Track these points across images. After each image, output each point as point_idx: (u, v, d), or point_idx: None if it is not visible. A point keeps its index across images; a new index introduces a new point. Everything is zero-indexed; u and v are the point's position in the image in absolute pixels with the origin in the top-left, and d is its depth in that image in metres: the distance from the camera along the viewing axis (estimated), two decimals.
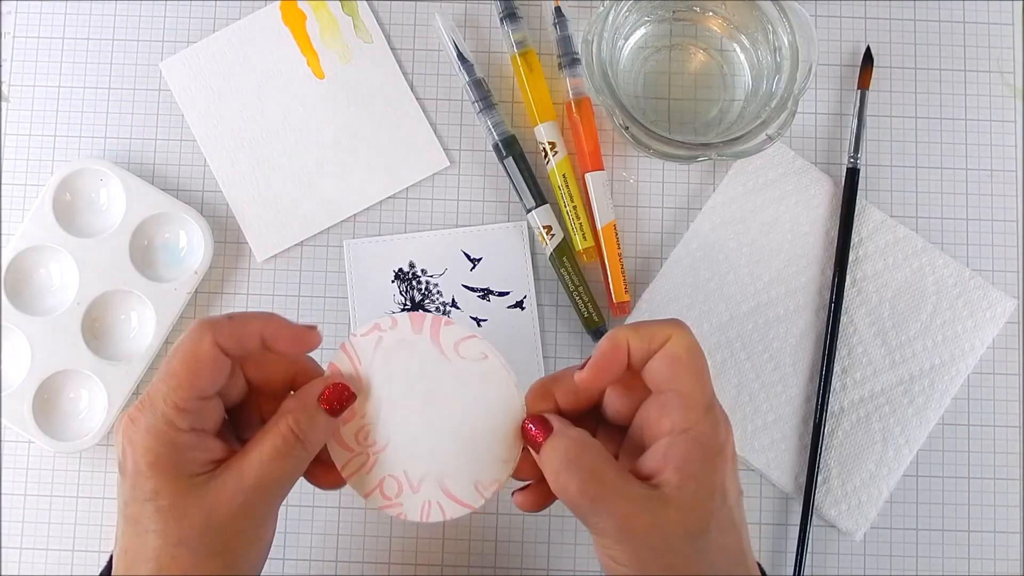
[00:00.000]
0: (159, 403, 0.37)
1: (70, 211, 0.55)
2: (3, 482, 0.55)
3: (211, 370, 0.38)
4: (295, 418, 0.38)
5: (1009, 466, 0.55)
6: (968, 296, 0.55)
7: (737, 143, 0.51)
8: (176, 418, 0.37)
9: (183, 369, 0.37)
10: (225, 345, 0.38)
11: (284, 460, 0.38)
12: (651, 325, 0.38)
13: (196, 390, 0.37)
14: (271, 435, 0.38)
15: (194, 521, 0.36)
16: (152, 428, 0.37)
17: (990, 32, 0.58)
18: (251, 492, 0.37)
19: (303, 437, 0.38)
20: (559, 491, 0.37)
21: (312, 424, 0.39)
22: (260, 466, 0.37)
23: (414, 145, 0.57)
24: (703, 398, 0.37)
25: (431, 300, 0.55)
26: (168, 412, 0.37)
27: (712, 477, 0.36)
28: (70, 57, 0.58)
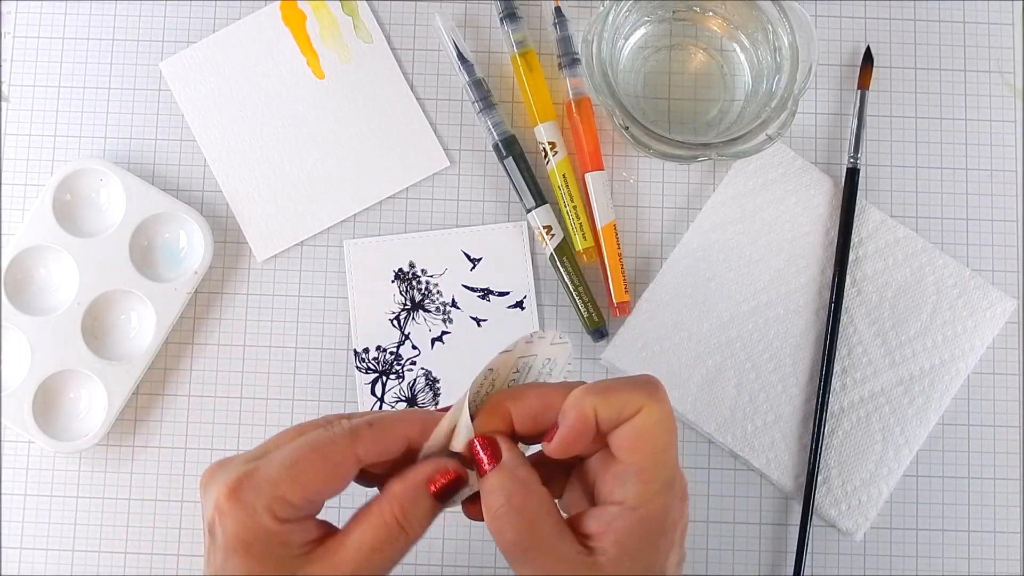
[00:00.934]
0: (267, 486, 0.35)
1: (70, 211, 0.55)
2: (3, 482, 0.55)
3: (339, 480, 0.36)
4: (401, 505, 0.36)
5: (1009, 466, 0.55)
6: (968, 296, 0.55)
7: (737, 143, 0.51)
8: (280, 511, 0.35)
9: (310, 471, 0.35)
10: (364, 457, 0.36)
11: (384, 552, 0.35)
12: (622, 391, 0.35)
13: (315, 495, 0.35)
14: (372, 523, 0.35)
15: None
16: (252, 512, 0.34)
17: (990, 32, 0.58)
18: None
19: (407, 526, 0.36)
20: (494, 531, 0.35)
21: (417, 511, 0.36)
22: (358, 557, 0.35)
23: (414, 145, 0.57)
24: (663, 476, 0.35)
25: (431, 300, 0.55)
26: (274, 503, 0.34)
27: (651, 558, 0.35)
28: (70, 57, 0.58)
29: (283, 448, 0.36)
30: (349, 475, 0.36)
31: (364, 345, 0.55)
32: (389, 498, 0.36)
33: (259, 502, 0.34)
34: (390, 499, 0.36)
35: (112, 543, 0.54)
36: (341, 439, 0.36)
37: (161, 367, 0.55)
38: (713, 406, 0.53)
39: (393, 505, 0.36)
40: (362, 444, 0.36)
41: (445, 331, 0.55)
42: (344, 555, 0.35)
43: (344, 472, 0.36)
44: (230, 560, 0.35)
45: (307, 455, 0.35)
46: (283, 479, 0.35)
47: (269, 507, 0.34)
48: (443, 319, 0.55)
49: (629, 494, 0.35)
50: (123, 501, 0.54)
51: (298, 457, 0.35)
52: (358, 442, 0.36)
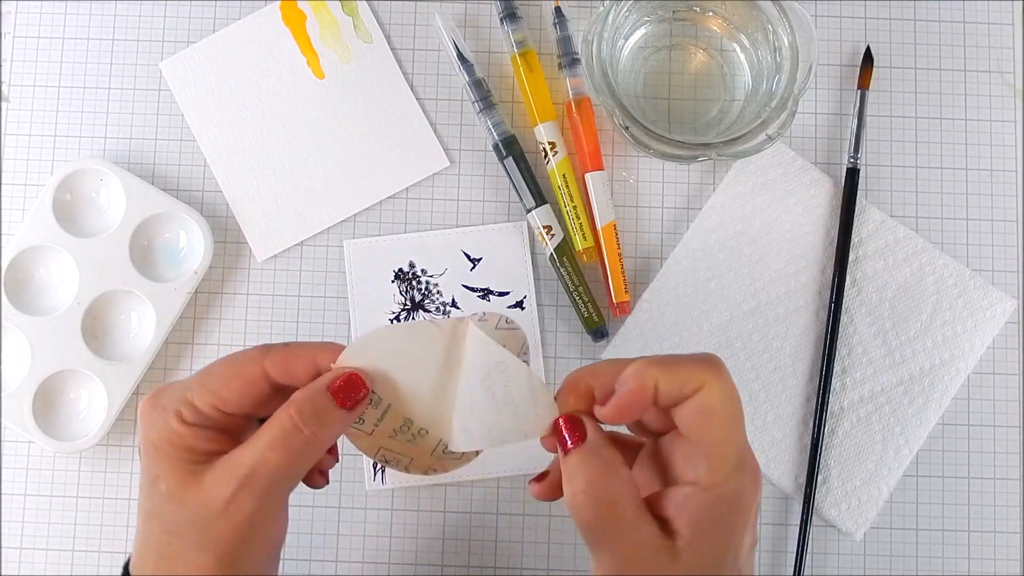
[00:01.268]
0: (180, 392, 0.37)
1: (70, 211, 0.55)
2: (3, 482, 0.55)
3: (244, 390, 0.37)
4: (298, 407, 0.36)
5: (1009, 466, 0.55)
6: (968, 296, 0.55)
7: (737, 143, 0.51)
8: (186, 412, 0.37)
9: (218, 376, 0.37)
10: (274, 373, 0.37)
11: (282, 451, 0.36)
12: (685, 366, 0.35)
13: (218, 400, 0.37)
14: (271, 424, 0.36)
15: (188, 510, 0.36)
16: (163, 412, 0.37)
17: (990, 32, 0.58)
18: (245, 482, 0.35)
19: (306, 427, 0.36)
20: (573, 510, 0.35)
21: (319, 415, 0.36)
22: (255, 455, 0.36)
23: (414, 145, 0.57)
24: (734, 455, 0.35)
25: (431, 300, 0.55)
26: (180, 405, 0.37)
27: (727, 538, 0.34)
28: (70, 57, 0.58)
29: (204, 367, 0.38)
30: (257, 388, 0.37)
31: None
32: (288, 403, 0.37)
33: (169, 405, 0.37)
34: (288, 403, 0.37)
35: (112, 543, 0.54)
36: (252, 352, 0.37)
37: (161, 367, 0.55)
38: None
39: (290, 407, 0.37)
40: (271, 358, 0.37)
41: None
42: (243, 456, 0.36)
43: (251, 382, 0.37)
44: (146, 464, 0.37)
45: (218, 365, 0.38)
46: (193, 386, 0.37)
47: (176, 411, 0.37)
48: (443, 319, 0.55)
49: (701, 474, 0.34)
50: (123, 501, 0.54)
51: (211, 367, 0.38)
52: (268, 356, 0.37)
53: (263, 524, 0.37)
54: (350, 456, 0.54)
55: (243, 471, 0.36)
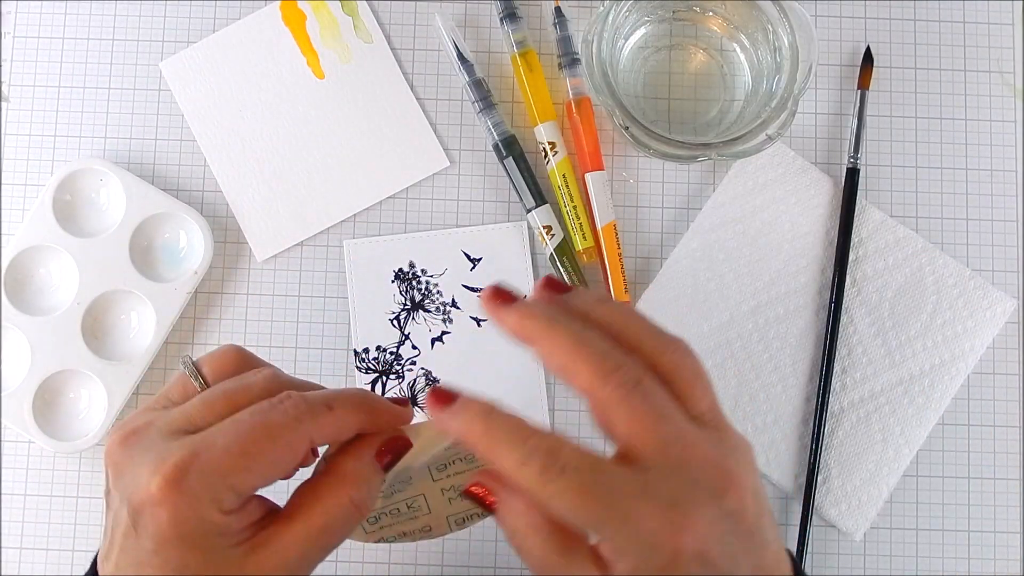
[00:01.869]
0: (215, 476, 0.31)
1: (70, 211, 0.55)
2: (3, 482, 0.55)
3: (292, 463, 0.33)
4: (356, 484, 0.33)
5: (1009, 466, 0.55)
6: (968, 296, 0.55)
7: (737, 143, 0.51)
8: (229, 502, 0.32)
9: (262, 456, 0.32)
10: (317, 442, 0.33)
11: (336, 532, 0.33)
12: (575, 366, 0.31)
13: (267, 482, 0.32)
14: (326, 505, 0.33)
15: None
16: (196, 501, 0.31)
17: (990, 32, 0.58)
18: (294, 568, 0.32)
19: (361, 505, 0.34)
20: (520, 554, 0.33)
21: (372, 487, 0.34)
22: (307, 540, 0.33)
23: (414, 145, 0.57)
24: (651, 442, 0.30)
25: (431, 300, 0.55)
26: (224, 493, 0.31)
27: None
28: (70, 57, 0.58)
29: (226, 427, 0.32)
30: (300, 455, 0.33)
31: (364, 345, 0.55)
32: (342, 477, 0.33)
33: (205, 494, 0.31)
34: (343, 478, 0.33)
35: None
36: (296, 421, 0.32)
37: (161, 367, 0.55)
38: None
39: (347, 485, 0.33)
40: (318, 428, 0.33)
41: (445, 331, 0.55)
42: (291, 540, 0.33)
43: (298, 456, 0.33)
44: (162, 553, 0.31)
45: (259, 439, 0.32)
46: (234, 468, 0.31)
47: (217, 499, 0.31)
48: (443, 319, 0.55)
49: None
50: None
51: (249, 441, 0.32)
52: (315, 425, 0.33)
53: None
54: None
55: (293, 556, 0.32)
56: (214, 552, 0.32)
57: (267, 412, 0.32)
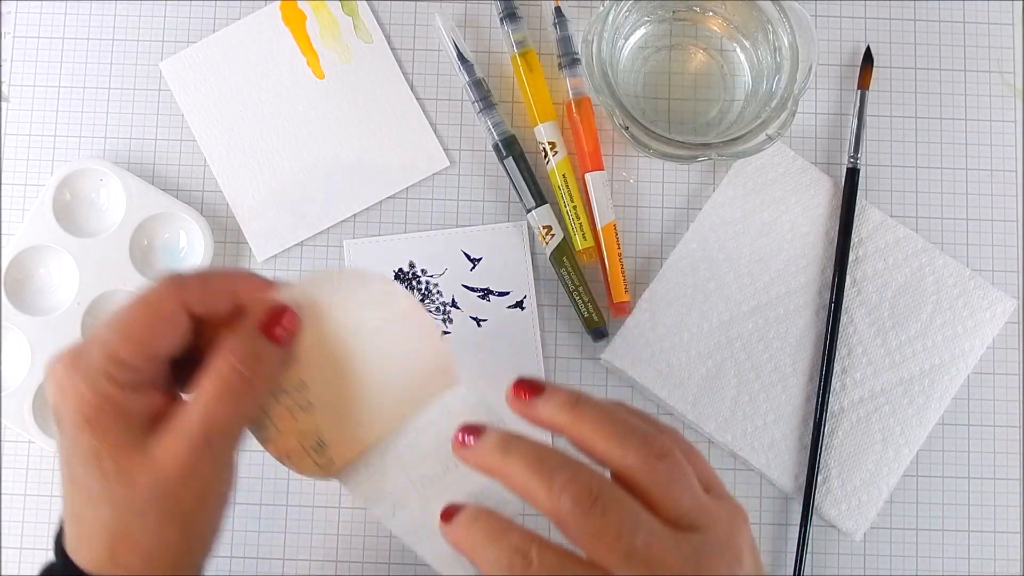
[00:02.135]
0: (98, 353, 0.34)
1: (70, 211, 0.55)
2: (3, 482, 0.55)
3: (170, 329, 0.35)
4: (235, 353, 0.35)
5: (1009, 466, 0.55)
6: (968, 296, 0.55)
7: (737, 143, 0.51)
8: (119, 372, 0.34)
9: (139, 323, 0.34)
10: (193, 304, 0.35)
11: (230, 402, 0.34)
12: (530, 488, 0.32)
13: (148, 347, 0.34)
14: (212, 376, 0.35)
15: (143, 485, 0.34)
16: (90, 379, 0.34)
17: (990, 32, 0.58)
18: (198, 442, 0.34)
19: (247, 371, 0.35)
20: None
21: (257, 357, 0.35)
22: (205, 413, 0.34)
23: (414, 145, 0.57)
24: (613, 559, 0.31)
25: (431, 300, 0.55)
26: (109, 365, 0.34)
27: None
28: (70, 57, 0.58)
29: (110, 316, 0.35)
30: (179, 325, 0.35)
31: None
32: (224, 349, 0.35)
33: (95, 367, 0.34)
34: (224, 350, 0.35)
35: None
36: (163, 288, 0.35)
37: None
38: (713, 406, 0.53)
39: (227, 355, 0.35)
40: (188, 291, 0.35)
41: (445, 331, 0.55)
42: (190, 415, 0.34)
43: (174, 321, 0.35)
44: (79, 440, 0.34)
45: (135, 310, 0.35)
46: (114, 338, 0.34)
47: (106, 371, 0.34)
48: (443, 319, 0.55)
49: None
50: None
51: (128, 315, 0.35)
52: (185, 289, 0.35)
53: (219, 482, 0.35)
54: None
55: (195, 432, 0.34)
56: (119, 434, 0.34)
57: (144, 290, 0.35)
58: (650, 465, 0.32)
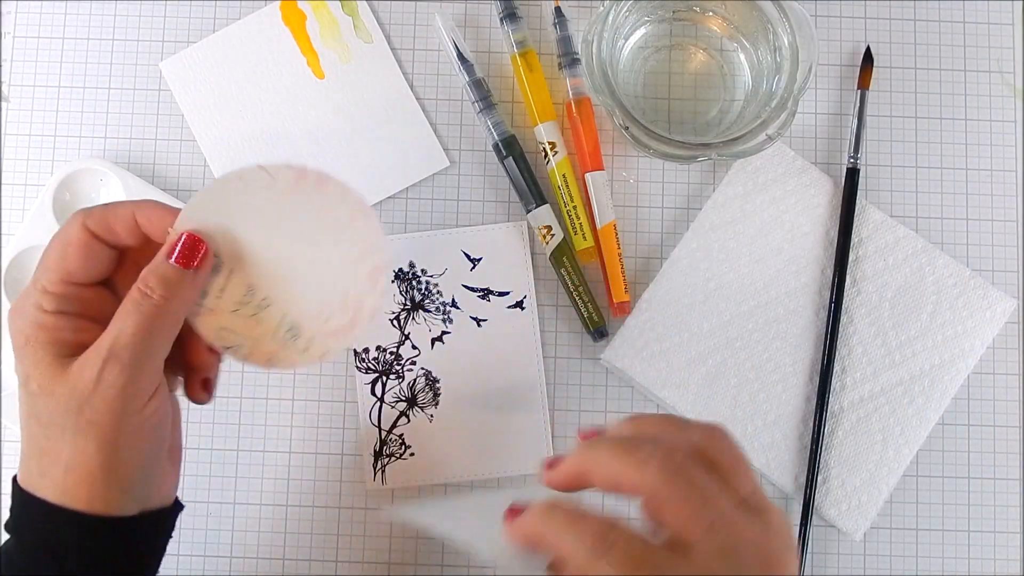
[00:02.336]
0: (30, 289, 0.38)
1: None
2: (3, 482, 0.55)
3: (79, 254, 0.38)
4: (142, 278, 0.38)
5: (1009, 466, 0.55)
6: (968, 296, 0.55)
7: (737, 143, 0.51)
8: (44, 300, 0.38)
9: (53, 253, 0.38)
10: (96, 229, 0.38)
11: (136, 318, 0.37)
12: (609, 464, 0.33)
13: (63, 273, 0.38)
14: (124, 301, 0.38)
15: (61, 398, 0.36)
16: (23, 311, 0.38)
17: (990, 32, 0.58)
18: (108, 356, 0.36)
19: (154, 293, 0.37)
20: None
21: (165, 281, 0.38)
22: (112, 330, 0.37)
23: (414, 145, 0.57)
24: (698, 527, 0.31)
25: (431, 300, 0.55)
26: (37, 294, 0.38)
27: None
28: (70, 57, 0.58)
29: None
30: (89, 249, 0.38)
31: (364, 345, 0.55)
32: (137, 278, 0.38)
33: (30, 302, 0.38)
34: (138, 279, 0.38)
35: None
36: (73, 217, 0.39)
37: None
38: (713, 406, 0.53)
39: (136, 283, 0.38)
40: (91, 219, 0.38)
41: (445, 331, 0.55)
42: (102, 338, 0.37)
43: (84, 245, 0.38)
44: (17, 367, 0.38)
45: (50, 242, 0.39)
46: (39, 271, 0.38)
47: (36, 303, 0.38)
48: (443, 319, 0.55)
49: None
50: None
51: (44, 252, 0.39)
52: (90, 217, 0.38)
53: (136, 399, 0.37)
54: (350, 456, 0.54)
55: (105, 346, 0.37)
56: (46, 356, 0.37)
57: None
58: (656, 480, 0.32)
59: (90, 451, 0.37)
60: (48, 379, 0.37)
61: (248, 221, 0.40)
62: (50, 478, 0.37)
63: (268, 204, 0.40)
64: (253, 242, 0.40)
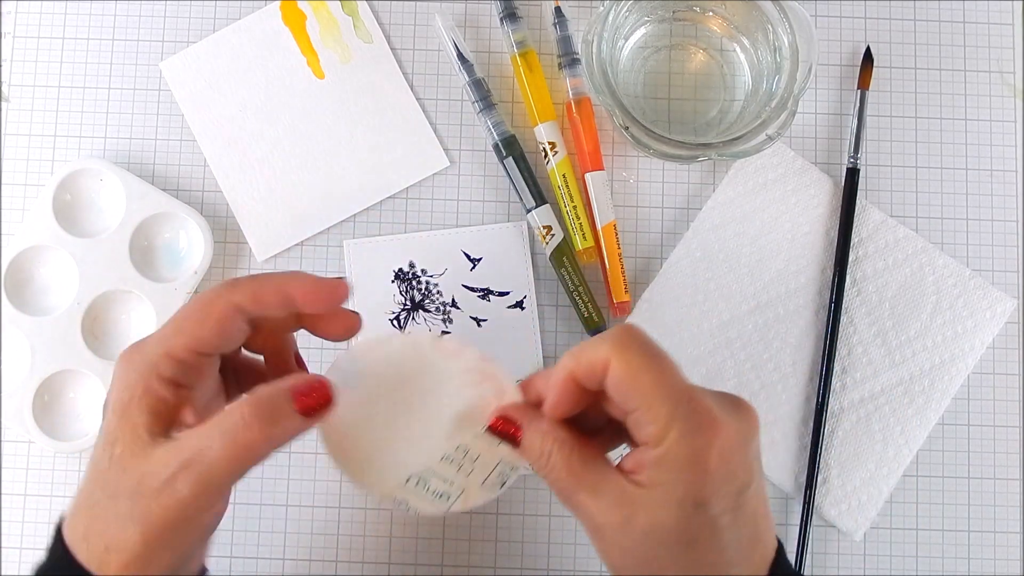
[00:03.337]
0: (152, 346, 0.36)
1: (70, 211, 0.55)
2: (3, 482, 0.55)
3: (218, 327, 0.36)
4: (253, 404, 0.35)
5: (1009, 466, 0.55)
6: (968, 296, 0.55)
7: (737, 143, 0.51)
8: (164, 365, 0.35)
9: (190, 319, 0.36)
10: (242, 303, 0.36)
11: (227, 444, 0.34)
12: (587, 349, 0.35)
13: (195, 341, 0.36)
14: (226, 413, 0.35)
15: (129, 480, 0.35)
16: (139, 370, 0.35)
17: (990, 32, 0.58)
18: (184, 466, 0.34)
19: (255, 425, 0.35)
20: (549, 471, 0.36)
21: (273, 416, 0.35)
22: (200, 443, 0.35)
23: (414, 145, 0.57)
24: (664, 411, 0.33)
25: (431, 300, 0.55)
26: (159, 357, 0.35)
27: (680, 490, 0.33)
28: (70, 57, 0.58)
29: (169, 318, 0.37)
30: (229, 322, 0.36)
31: None
32: (248, 398, 0.35)
33: (147, 360, 0.36)
34: (248, 399, 0.35)
35: None
36: (219, 287, 0.37)
37: None
38: None
39: (246, 403, 0.35)
40: (239, 291, 0.36)
41: (445, 331, 0.55)
42: (189, 439, 0.35)
43: (223, 318, 0.36)
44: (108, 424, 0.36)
45: (187, 308, 0.37)
46: (167, 332, 0.36)
47: (155, 364, 0.35)
48: (443, 319, 0.55)
49: (645, 434, 0.34)
50: None
51: (180, 313, 0.37)
52: (236, 290, 0.36)
53: (197, 511, 0.35)
54: None
55: (186, 455, 0.34)
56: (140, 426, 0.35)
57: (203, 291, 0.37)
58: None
59: (135, 540, 0.35)
60: (130, 454, 0.35)
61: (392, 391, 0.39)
62: (91, 546, 0.35)
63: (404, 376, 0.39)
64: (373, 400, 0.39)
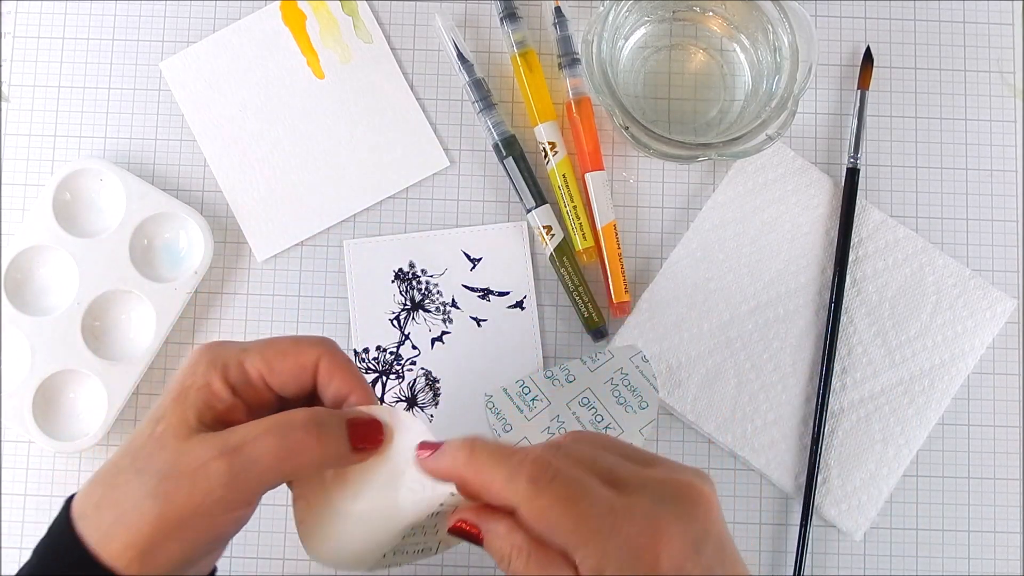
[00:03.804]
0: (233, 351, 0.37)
1: (70, 211, 0.55)
2: (3, 482, 0.55)
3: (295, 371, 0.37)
4: (310, 413, 0.36)
5: (1009, 466, 0.55)
6: (968, 296, 0.55)
7: (737, 143, 0.51)
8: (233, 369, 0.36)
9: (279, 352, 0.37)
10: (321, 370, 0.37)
11: (276, 440, 0.35)
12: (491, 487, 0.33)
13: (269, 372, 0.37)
14: (278, 415, 0.36)
15: (163, 456, 0.35)
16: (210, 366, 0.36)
17: (990, 32, 0.58)
18: (226, 452, 0.34)
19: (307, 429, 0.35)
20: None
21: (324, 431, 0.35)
22: (248, 433, 0.35)
23: (414, 145, 0.57)
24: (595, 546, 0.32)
25: (431, 300, 0.55)
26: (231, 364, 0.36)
27: None
28: (70, 57, 0.58)
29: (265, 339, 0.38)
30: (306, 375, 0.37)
31: (364, 345, 0.55)
32: (306, 408, 0.36)
33: (221, 360, 0.37)
34: (306, 409, 0.36)
35: None
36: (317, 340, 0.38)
37: (161, 367, 0.55)
38: (713, 406, 0.53)
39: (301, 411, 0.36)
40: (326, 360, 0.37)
41: (445, 331, 0.55)
42: (236, 431, 0.35)
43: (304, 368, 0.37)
44: (161, 403, 0.36)
45: (282, 341, 0.38)
46: (251, 350, 0.37)
47: (226, 366, 0.37)
48: (443, 319, 0.55)
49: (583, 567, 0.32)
50: None
51: (275, 340, 0.38)
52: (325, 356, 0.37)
53: (221, 505, 0.34)
54: None
55: (230, 443, 0.34)
56: (190, 413, 0.35)
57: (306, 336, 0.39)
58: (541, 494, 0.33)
59: (148, 519, 0.34)
60: (172, 434, 0.35)
61: None
62: (101, 515, 0.35)
63: None
64: None
